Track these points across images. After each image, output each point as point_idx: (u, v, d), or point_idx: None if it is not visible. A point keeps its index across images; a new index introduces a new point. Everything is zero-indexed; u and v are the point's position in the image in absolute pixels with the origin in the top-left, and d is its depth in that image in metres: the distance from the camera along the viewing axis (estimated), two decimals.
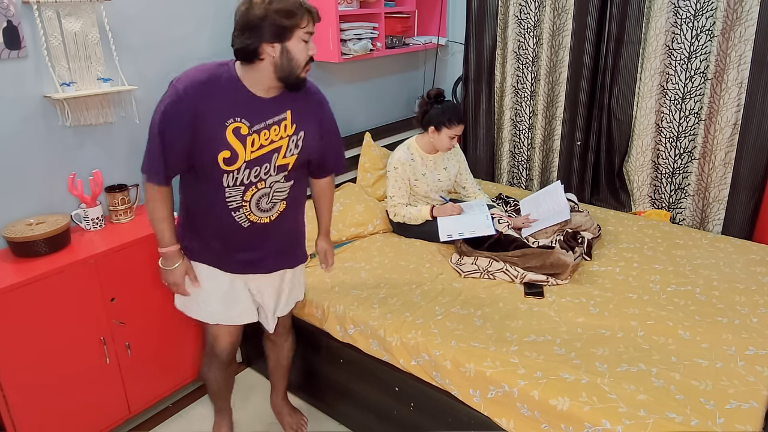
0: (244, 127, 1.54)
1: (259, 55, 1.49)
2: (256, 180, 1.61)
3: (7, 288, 1.73)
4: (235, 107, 1.53)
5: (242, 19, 1.47)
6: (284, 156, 1.63)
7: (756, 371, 1.65)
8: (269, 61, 1.50)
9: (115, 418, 2.13)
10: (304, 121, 1.65)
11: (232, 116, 1.53)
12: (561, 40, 3.09)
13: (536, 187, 3.45)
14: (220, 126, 1.52)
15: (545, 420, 1.59)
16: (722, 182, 2.80)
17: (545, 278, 2.17)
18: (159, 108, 1.54)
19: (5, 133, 1.96)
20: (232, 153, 1.54)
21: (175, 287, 1.76)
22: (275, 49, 1.48)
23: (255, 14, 1.44)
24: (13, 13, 1.88)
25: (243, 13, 1.47)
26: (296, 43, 1.49)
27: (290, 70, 1.51)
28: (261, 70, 1.52)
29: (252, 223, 1.68)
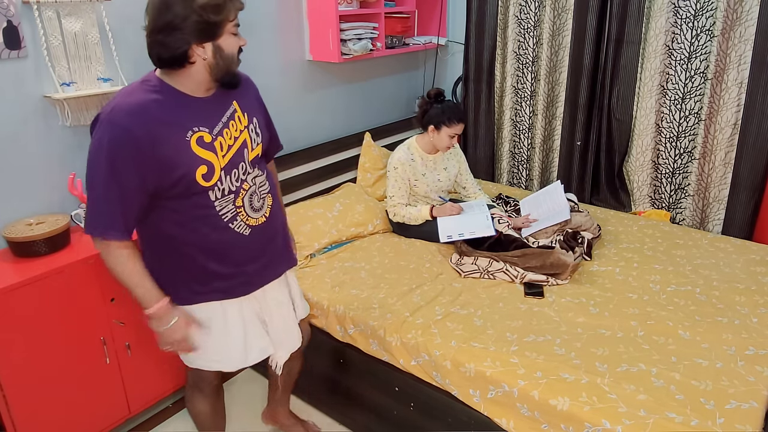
0: (206, 135, 1.40)
1: (189, 58, 1.33)
2: (240, 183, 1.48)
3: (7, 288, 1.74)
4: (186, 117, 1.38)
5: (160, 20, 1.29)
6: (252, 148, 1.52)
7: (756, 371, 1.65)
8: (201, 64, 1.35)
9: (115, 418, 2.13)
10: (251, 108, 1.55)
11: (188, 128, 1.37)
12: (561, 40, 3.09)
13: (536, 187, 3.45)
14: (182, 142, 1.36)
15: (545, 420, 1.59)
16: (722, 182, 2.80)
17: (545, 278, 2.17)
18: (97, 151, 1.31)
19: (5, 133, 1.96)
20: (207, 166, 1.39)
21: (183, 344, 1.52)
22: (206, 50, 1.33)
23: (176, 13, 1.27)
24: (13, 13, 1.88)
25: (158, 11, 1.29)
26: (227, 38, 1.36)
27: (226, 68, 1.39)
28: (193, 74, 1.37)
29: (252, 228, 1.54)
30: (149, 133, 1.32)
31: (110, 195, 1.33)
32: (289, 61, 2.87)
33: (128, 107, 1.32)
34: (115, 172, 1.31)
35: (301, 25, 2.88)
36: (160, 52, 1.32)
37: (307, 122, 3.04)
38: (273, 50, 2.78)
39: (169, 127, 1.35)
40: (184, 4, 1.27)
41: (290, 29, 2.84)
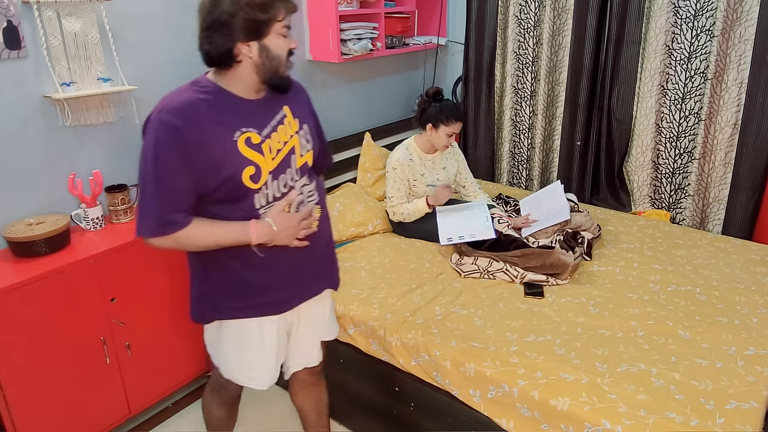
0: (255, 136, 1.36)
1: (236, 57, 1.31)
2: (287, 189, 1.43)
3: (7, 288, 1.73)
4: (234, 118, 1.35)
5: (209, 17, 1.28)
6: (301, 155, 1.46)
7: (756, 371, 1.65)
8: (248, 63, 1.32)
9: (115, 418, 2.13)
10: (302, 114, 1.50)
11: (237, 128, 1.34)
12: (561, 40, 3.09)
13: (536, 187, 3.45)
14: (230, 142, 1.33)
15: (545, 420, 1.59)
16: (722, 182, 2.80)
17: (545, 278, 2.17)
18: (148, 150, 1.29)
19: (5, 133, 1.96)
20: (255, 167, 1.35)
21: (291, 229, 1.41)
22: (252, 48, 1.30)
23: (223, 9, 1.26)
24: (13, 13, 1.88)
25: (209, 8, 1.28)
26: (275, 38, 1.32)
27: (273, 69, 1.35)
28: (241, 75, 1.34)
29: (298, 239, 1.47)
30: (198, 132, 1.29)
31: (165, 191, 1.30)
32: None
33: (177, 105, 1.30)
34: (167, 169, 1.29)
35: (301, 25, 2.88)
36: (208, 50, 1.31)
37: None
38: None
39: (218, 126, 1.32)
40: (231, 1, 1.26)
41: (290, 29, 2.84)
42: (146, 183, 1.31)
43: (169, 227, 1.32)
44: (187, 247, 1.38)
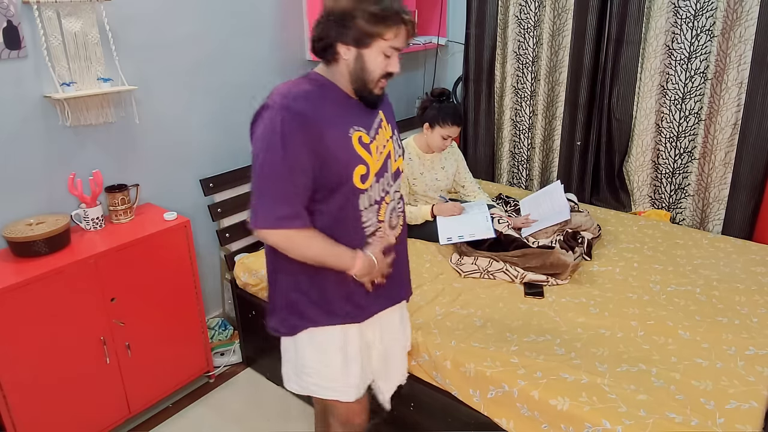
0: (365, 135, 1.33)
1: (335, 53, 1.29)
2: (384, 194, 1.40)
3: (7, 288, 1.74)
4: (347, 114, 1.32)
5: (326, 7, 1.27)
6: (395, 159, 1.44)
7: (756, 371, 1.65)
8: (344, 64, 1.30)
9: (115, 418, 2.13)
10: (392, 121, 1.48)
11: (350, 125, 1.31)
12: (561, 40, 3.09)
13: (536, 187, 3.45)
14: (346, 137, 1.29)
15: (545, 420, 1.59)
16: (722, 182, 2.80)
17: (545, 278, 2.17)
18: (270, 135, 1.23)
19: (5, 133, 1.96)
20: (366, 167, 1.32)
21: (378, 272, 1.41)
22: (350, 52, 1.28)
23: (342, 6, 1.24)
24: (13, 13, 1.88)
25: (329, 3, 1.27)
26: (375, 54, 1.28)
27: (363, 82, 1.31)
28: (340, 73, 1.32)
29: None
30: (321, 120, 1.26)
31: (287, 180, 1.24)
32: (289, 61, 2.87)
33: (300, 93, 1.28)
34: (292, 155, 1.23)
35: (301, 25, 2.88)
36: (314, 37, 1.31)
37: None
38: (273, 50, 2.78)
39: (336, 118, 1.30)
40: (353, 3, 1.23)
41: (290, 29, 2.84)
42: (269, 171, 1.24)
43: (291, 221, 1.27)
44: (290, 251, 1.32)
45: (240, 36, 2.61)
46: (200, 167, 2.59)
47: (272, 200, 1.26)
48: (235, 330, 2.71)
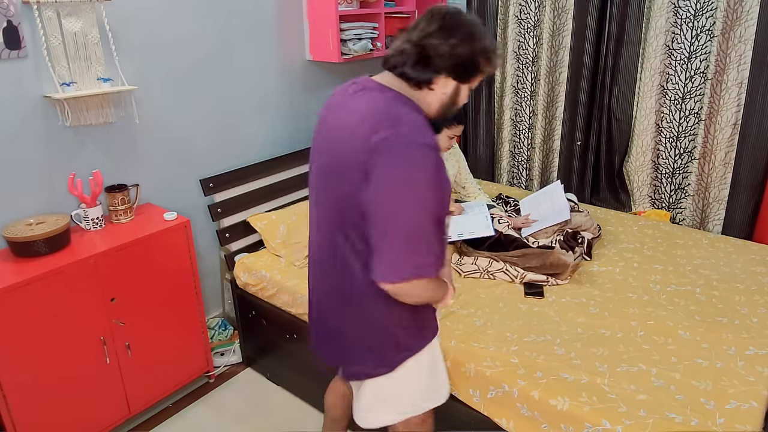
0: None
1: (431, 83, 1.23)
2: None
3: (7, 288, 1.74)
4: None
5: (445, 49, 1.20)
6: None
7: (756, 371, 1.65)
8: (437, 96, 1.25)
9: (115, 418, 2.13)
10: None
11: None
12: (561, 40, 3.09)
13: (536, 187, 3.45)
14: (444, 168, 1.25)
15: (545, 420, 1.59)
16: (722, 182, 2.80)
17: (545, 278, 2.17)
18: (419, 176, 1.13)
19: (5, 133, 1.96)
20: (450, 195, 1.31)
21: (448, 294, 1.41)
22: (448, 86, 1.24)
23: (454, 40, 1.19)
24: (13, 13, 1.88)
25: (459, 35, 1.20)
26: (467, 89, 1.29)
27: (447, 112, 1.30)
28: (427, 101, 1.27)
29: None
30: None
31: (430, 226, 1.17)
32: (289, 61, 2.87)
33: (424, 125, 1.19)
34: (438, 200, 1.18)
35: (301, 25, 2.88)
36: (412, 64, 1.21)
37: (307, 122, 3.04)
38: (273, 50, 2.78)
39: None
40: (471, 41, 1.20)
41: (290, 29, 2.84)
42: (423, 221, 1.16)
43: (431, 269, 1.20)
44: (416, 297, 1.25)
45: (240, 36, 2.61)
46: (200, 167, 2.59)
47: (417, 249, 1.17)
48: (235, 330, 2.71)
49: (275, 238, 2.47)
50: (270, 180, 2.77)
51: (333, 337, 1.43)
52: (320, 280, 1.42)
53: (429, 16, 1.23)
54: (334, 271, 1.34)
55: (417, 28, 1.23)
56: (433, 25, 1.21)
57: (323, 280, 1.40)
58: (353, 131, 1.20)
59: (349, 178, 1.20)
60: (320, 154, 1.32)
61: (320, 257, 1.39)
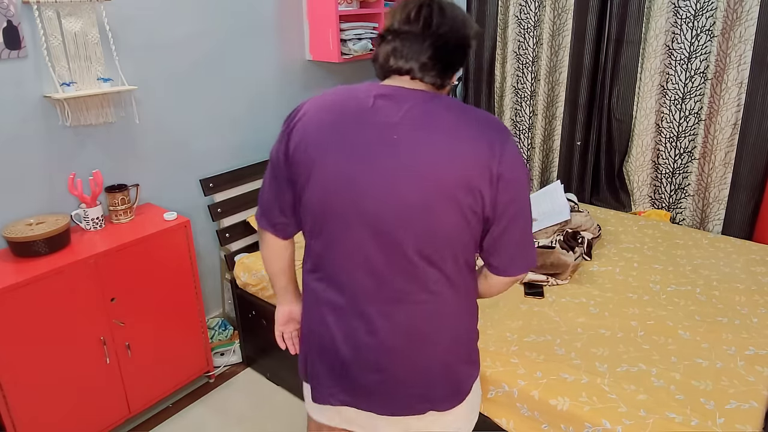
0: None
1: (451, 79, 1.21)
2: None
3: (7, 288, 1.74)
4: None
5: (459, 32, 1.15)
6: None
7: (756, 371, 1.65)
8: (448, 88, 1.23)
9: (115, 418, 2.13)
10: None
11: None
12: (561, 40, 3.09)
13: (536, 187, 3.45)
14: None
15: (545, 420, 1.59)
16: (722, 182, 2.80)
17: (545, 278, 2.17)
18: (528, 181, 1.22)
19: (5, 133, 1.96)
20: None
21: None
22: (455, 77, 1.23)
23: (467, 34, 1.17)
24: (13, 13, 1.88)
25: (460, 23, 1.15)
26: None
27: None
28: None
29: None
30: None
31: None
32: (289, 61, 2.87)
33: None
34: None
35: (301, 25, 2.88)
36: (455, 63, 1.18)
37: None
38: (273, 50, 2.78)
39: None
40: (474, 29, 1.19)
41: (290, 29, 2.84)
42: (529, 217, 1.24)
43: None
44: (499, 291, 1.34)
45: (240, 36, 2.61)
46: (200, 167, 2.59)
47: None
48: (235, 330, 2.71)
49: None
50: None
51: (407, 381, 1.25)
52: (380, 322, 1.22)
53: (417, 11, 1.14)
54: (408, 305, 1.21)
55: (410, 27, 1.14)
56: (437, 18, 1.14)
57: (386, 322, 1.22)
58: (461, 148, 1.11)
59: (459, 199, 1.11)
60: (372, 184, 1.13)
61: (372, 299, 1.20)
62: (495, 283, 1.30)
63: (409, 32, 1.14)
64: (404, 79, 1.17)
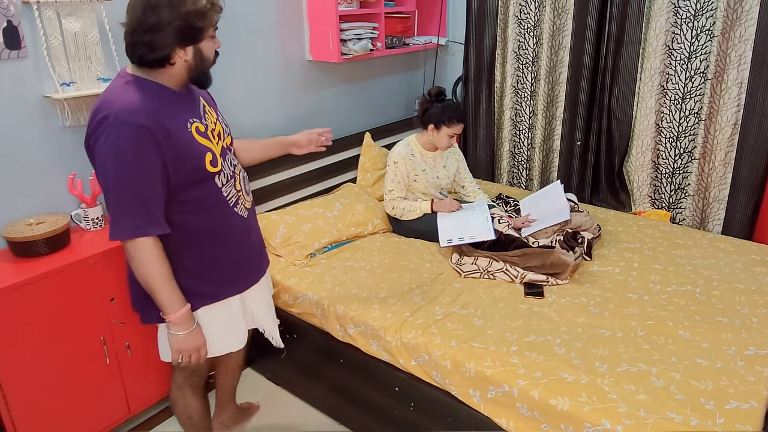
0: (200, 125, 1.48)
1: (170, 59, 1.39)
2: (233, 167, 1.59)
3: (7, 288, 1.73)
4: (179, 109, 1.44)
5: (145, 22, 1.33)
6: (225, 137, 1.61)
7: (756, 371, 1.65)
8: (181, 65, 1.42)
9: (115, 418, 2.13)
10: (212, 103, 1.65)
11: (185, 119, 1.44)
12: (561, 40, 3.09)
13: (536, 187, 3.45)
14: (186, 132, 1.43)
15: (545, 420, 1.59)
16: (722, 182, 2.80)
17: (545, 278, 2.17)
18: (117, 152, 1.32)
19: (5, 133, 1.96)
20: (211, 153, 1.48)
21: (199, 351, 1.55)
22: (188, 53, 1.41)
23: (162, 17, 1.33)
24: (13, 13, 1.88)
25: (143, 13, 1.33)
26: (207, 42, 1.44)
27: (203, 68, 1.47)
28: (172, 74, 1.43)
29: (247, 210, 1.65)
30: (160, 127, 1.36)
31: (143, 188, 1.35)
32: (289, 61, 2.87)
33: (131, 106, 1.34)
34: (143, 164, 1.34)
35: (301, 25, 2.88)
36: (144, 54, 1.36)
37: (306, 122, 3.04)
38: (273, 50, 2.78)
39: (172, 119, 1.40)
40: (170, 9, 1.32)
41: (290, 29, 2.84)
42: (124, 185, 1.34)
43: (152, 227, 1.39)
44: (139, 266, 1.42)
45: (240, 36, 2.61)
46: None
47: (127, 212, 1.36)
48: None
49: (275, 238, 2.47)
50: (269, 180, 2.77)
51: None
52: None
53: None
54: None
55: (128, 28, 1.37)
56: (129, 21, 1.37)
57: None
58: None
59: None
60: None
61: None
62: None
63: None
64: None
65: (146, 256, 1.40)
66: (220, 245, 1.57)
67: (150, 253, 1.40)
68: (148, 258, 1.41)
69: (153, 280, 1.43)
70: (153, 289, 1.44)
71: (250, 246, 1.70)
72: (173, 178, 1.41)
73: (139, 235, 1.38)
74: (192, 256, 1.53)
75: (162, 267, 1.44)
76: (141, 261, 1.41)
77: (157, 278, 1.43)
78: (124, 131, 1.32)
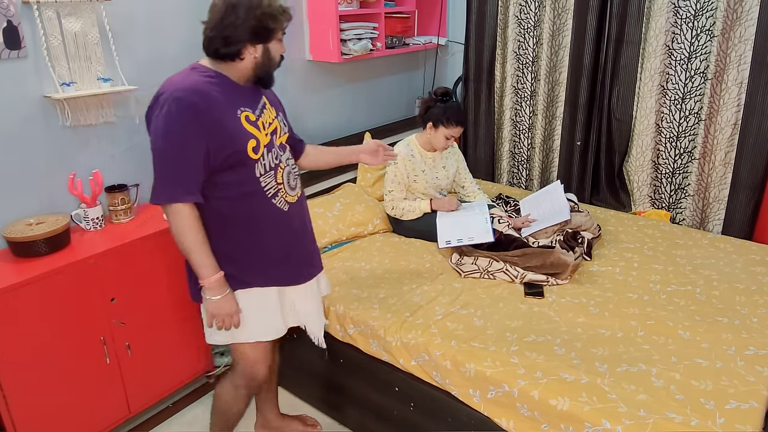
0: (251, 114, 1.58)
1: (241, 55, 1.53)
2: (278, 161, 1.64)
3: (7, 288, 1.74)
4: (235, 98, 1.55)
5: (225, 20, 1.49)
6: (281, 135, 1.69)
7: (756, 371, 1.65)
8: (250, 60, 1.55)
9: (115, 418, 2.13)
10: (275, 104, 1.74)
11: (237, 107, 1.55)
12: (561, 40, 3.09)
13: (536, 187, 3.45)
14: (235, 118, 1.53)
15: (545, 420, 1.59)
16: (722, 182, 2.80)
17: (545, 278, 2.17)
18: (168, 121, 1.44)
19: (5, 133, 1.96)
20: (255, 140, 1.56)
21: (232, 317, 1.62)
22: (257, 50, 1.54)
23: (239, 16, 1.47)
24: (13, 13, 1.88)
25: (225, 12, 1.49)
26: (276, 44, 1.57)
27: (268, 68, 1.59)
28: (240, 68, 1.56)
29: (290, 204, 1.67)
30: (210, 108, 1.47)
31: (184, 160, 1.46)
32: (289, 61, 2.87)
33: (189, 86, 1.47)
34: (187, 138, 1.45)
35: (301, 25, 2.88)
36: (219, 47, 1.51)
37: (307, 122, 3.04)
38: None
39: (224, 104, 1.51)
40: (248, 10, 1.47)
41: (290, 29, 2.83)
42: (166, 155, 1.47)
43: (185, 196, 1.49)
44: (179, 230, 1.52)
45: None
46: None
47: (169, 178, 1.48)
48: None
49: None
50: None
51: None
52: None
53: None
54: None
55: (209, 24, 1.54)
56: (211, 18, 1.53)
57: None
58: None
59: None
60: None
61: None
62: None
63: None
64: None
65: (181, 223, 1.51)
66: (254, 232, 1.62)
67: (185, 219, 1.51)
68: (183, 224, 1.51)
69: (188, 245, 1.52)
70: (188, 254, 1.54)
71: (291, 241, 1.70)
72: (213, 158, 1.49)
73: (173, 201, 1.49)
74: (226, 238, 1.60)
75: (197, 234, 1.53)
76: (176, 226, 1.52)
77: (192, 243, 1.52)
78: (175, 106, 1.44)
